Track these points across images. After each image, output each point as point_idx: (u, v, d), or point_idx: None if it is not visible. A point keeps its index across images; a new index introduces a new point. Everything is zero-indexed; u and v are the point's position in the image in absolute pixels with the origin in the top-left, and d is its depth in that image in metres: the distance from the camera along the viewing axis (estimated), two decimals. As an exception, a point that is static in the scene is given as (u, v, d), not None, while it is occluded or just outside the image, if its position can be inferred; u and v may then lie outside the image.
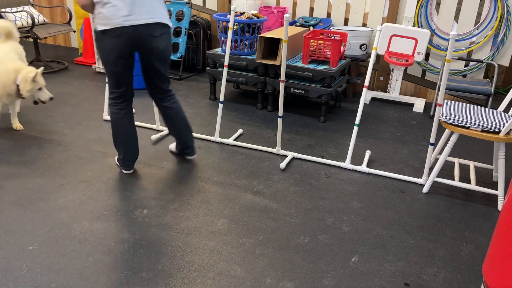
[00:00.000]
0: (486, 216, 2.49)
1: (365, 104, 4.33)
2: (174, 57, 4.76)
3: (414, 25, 4.28)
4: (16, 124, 3.31)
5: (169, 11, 4.99)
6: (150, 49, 2.46)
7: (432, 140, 2.69)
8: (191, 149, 2.92)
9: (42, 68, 3.05)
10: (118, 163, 2.80)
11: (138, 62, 4.26)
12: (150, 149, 3.09)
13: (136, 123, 3.52)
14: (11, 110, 3.30)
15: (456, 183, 2.67)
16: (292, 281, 1.92)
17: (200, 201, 2.50)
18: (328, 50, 3.75)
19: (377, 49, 3.79)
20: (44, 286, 1.82)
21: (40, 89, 3.04)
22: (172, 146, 3.06)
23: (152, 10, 2.40)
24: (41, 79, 3.02)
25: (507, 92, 4.79)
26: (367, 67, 4.10)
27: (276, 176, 2.82)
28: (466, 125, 2.49)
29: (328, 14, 4.63)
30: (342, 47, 3.93)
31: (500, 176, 2.56)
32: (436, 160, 3.11)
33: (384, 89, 4.59)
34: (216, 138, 3.27)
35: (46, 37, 5.57)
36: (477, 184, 2.87)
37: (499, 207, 2.58)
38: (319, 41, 3.73)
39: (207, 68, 4.11)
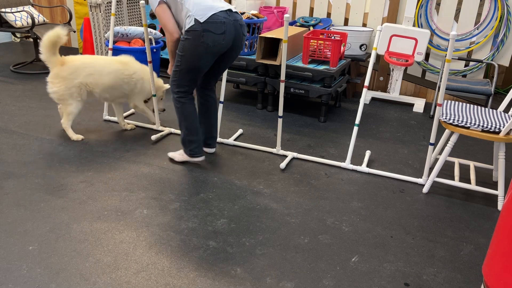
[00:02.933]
0: (486, 216, 2.49)
1: (365, 104, 4.33)
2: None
3: (414, 25, 4.28)
4: (126, 125, 3.44)
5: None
6: (240, 46, 2.66)
7: (432, 140, 2.69)
8: (214, 140, 3.02)
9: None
10: (189, 154, 2.83)
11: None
12: (150, 149, 3.09)
13: (136, 123, 3.52)
14: (118, 110, 3.40)
15: (456, 183, 2.67)
16: (292, 281, 1.92)
17: (200, 201, 2.50)
18: (328, 50, 3.75)
19: (377, 49, 3.79)
20: (44, 286, 1.82)
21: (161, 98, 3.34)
22: (173, 154, 2.98)
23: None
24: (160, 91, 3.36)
25: (507, 92, 4.79)
26: (367, 67, 4.10)
27: (276, 176, 2.82)
28: (466, 125, 2.49)
29: (328, 14, 4.63)
30: (342, 47, 3.93)
31: (500, 176, 2.56)
32: (436, 160, 3.11)
33: (384, 89, 4.59)
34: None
35: (46, 37, 5.56)
36: (477, 184, 2.87)
37: (499, 207, 2.58)
38: (319, 41, 3.73)
39: (207, 68, 4.10)
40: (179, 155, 2.91)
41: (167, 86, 3.37)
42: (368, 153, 3.14)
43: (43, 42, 2.94)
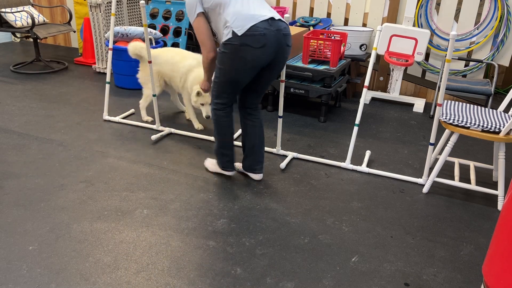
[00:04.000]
0: (486, 216, 2.49)
1: (365, 104, 4.33)
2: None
3: (414, 25, 4.28)
4: (197, 124, 3.52)
5: (169, 11, 4.99)
6: (284, 58, 2.44)
7: (432, 140, 2.69)
8: (261, 165, 2.73)
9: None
10: (221, 167, 2.70)
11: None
12: (150, 149, 3.09)
13: (136, 123, 3.52)
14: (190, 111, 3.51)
15: (456, 183, 2.67)
16: (292, 281, 1.92)
17: (200, 201, 2.50)
18: (328, 50, 3.75)
19: (377, 49, 3.79)
20: (44, 286, 1.82)
21: (202, 104, 3.17)
22: (238, 165, 2.85)
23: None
24: (202, 95, 3.14)
25: (507, 92, 4.79)
26: (367, 67, 4.10)
27: (276, 176, 2.82)
28: (466, 125, 2.49)
29: (328, 14, 4.63)
30: (342, 47, 3.93)
31: (500, 176, 2.56)
32: (436, 160, 3.11)
33: (384, 89, 4.59)
34: (216, 138, 3.26)
35: (46, 37, 5.58)
36: (477, 184, 2.87)
37: (499, 207, 2.58)
38: (319, 41, 3.73)
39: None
40: (212, 164, 2.79)
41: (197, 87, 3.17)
42: (368, 153, 3.14)
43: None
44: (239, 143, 3.23)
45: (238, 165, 2.84)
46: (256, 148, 2.67)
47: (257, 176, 2.75)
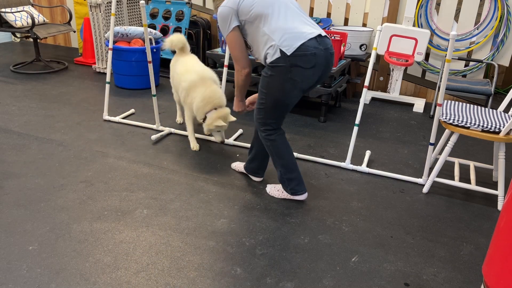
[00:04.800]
0: (486, 216, 2.49)
1: (365, 104, 4.33)
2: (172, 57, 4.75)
3: (414, 25, 4.28)
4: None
5: (169, 11, 4.99)
6: (326, 77, 2.31)
7: (432, 140, 2.69)
8: (264, 171, 2.70)
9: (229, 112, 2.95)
10: (291, 193, 2.49)
11: (140, 62, 4.26)
12: (150, 149, 3.09)
13: (136, 123, 3.52)
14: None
15: (456, 183, 2.67)
16: (292, 281, 1.92)
17: (200, 201, 2.50)
18: (328, 50, 3.75)
19: (377, 49, 3.79)
20: (44, 286, 1.82)
21: (219, 131, 2.95)
22: (236, 165, 2.84)
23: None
24: (225, 125, 2.88)
25: (507, 92, 4.79)
26: (367, 67, 4.10)
27: (276, 176, 2.82)
28: (466, 125, 2.49)
29: (328, 14, 4.63)
30: (342, 47, 3.93)
31: (500, 176, 2.56)
32: (436, 160, 3.11)
33: (384, 89, 4.59)
34: (216, 138, 3.26)
35: (46, 37, 5.58)
36: (477, 184, 2.87)
37: (499, 207, 2.58)
38: (319, 41, 3.73)
39: (207, 68, 4.10)
40: (277, 191, 2.57)
41: (220, 122, 2.86)
42: (368, 153, 3.14)
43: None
44: (239, 143, 3.23)
45: (237, 165, 2.83)
46: (266, 155, 2.61)
47: (258, 179, 2.74)
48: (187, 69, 3.07)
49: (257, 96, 2.37)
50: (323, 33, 2.22)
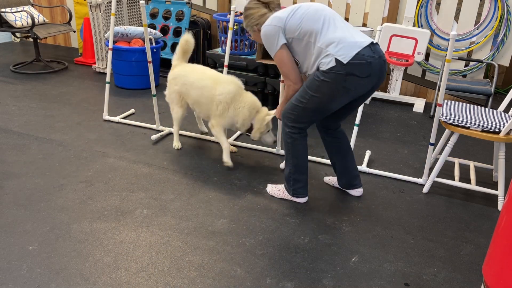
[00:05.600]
0: (486, 216, 2.49)
1: (365, 104, 4.33)
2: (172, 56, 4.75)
3: (414, 25, 4.28)
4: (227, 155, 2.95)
5: (169, 11, 4.99)
6: (378, 86, 2.26)
7: (432, 140, 2.69)
8: (359, 179, 2.60)
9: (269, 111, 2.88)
10: (292, 194, 2.50)
11: (140, 62, 4.26)
12: (150, 149, 3.09)
13: (136, 123, 3.52)
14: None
15: (456, 183, 2.67)
16: (292, 281, 1.92)
17: (200, 201, 2.50)
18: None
19: (377, 49, 3.78)
20: (44, 286, 1.82)
21: (268, 131, 2.89)
22: (330, 179, 2.76)
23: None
24: (270, 122, 2.84)
25: (507, 92, 4.79)
26: (367, 67, 4.09)
27: (276, 176, 2.82)
28: (466, 125, 2.49)
29: (328, 14, 4.63)
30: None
31: (500, 176, 2.56)
32: (436, 160, 3.11)
33: (384, 89, 4.59)
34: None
35: (46, 37, 5.58)
36: (477, 184, 2.87)
37: (499, 207, 2.58)
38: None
39: (207, 68, 4.10)
40: (278, 191, 2.57)
41: (269, 117, 2.82)
42: (368, 153, 3.14)
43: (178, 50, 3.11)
44: (239, 143, 3.23)
45: (330, 179, 2.74)
46: (349, 162, 2.53)
47: (357, 192, 2.62)
48: (214, 79, 2.85)
49: (297, 92, 2.31)
50: (375, 41, 2.21)
